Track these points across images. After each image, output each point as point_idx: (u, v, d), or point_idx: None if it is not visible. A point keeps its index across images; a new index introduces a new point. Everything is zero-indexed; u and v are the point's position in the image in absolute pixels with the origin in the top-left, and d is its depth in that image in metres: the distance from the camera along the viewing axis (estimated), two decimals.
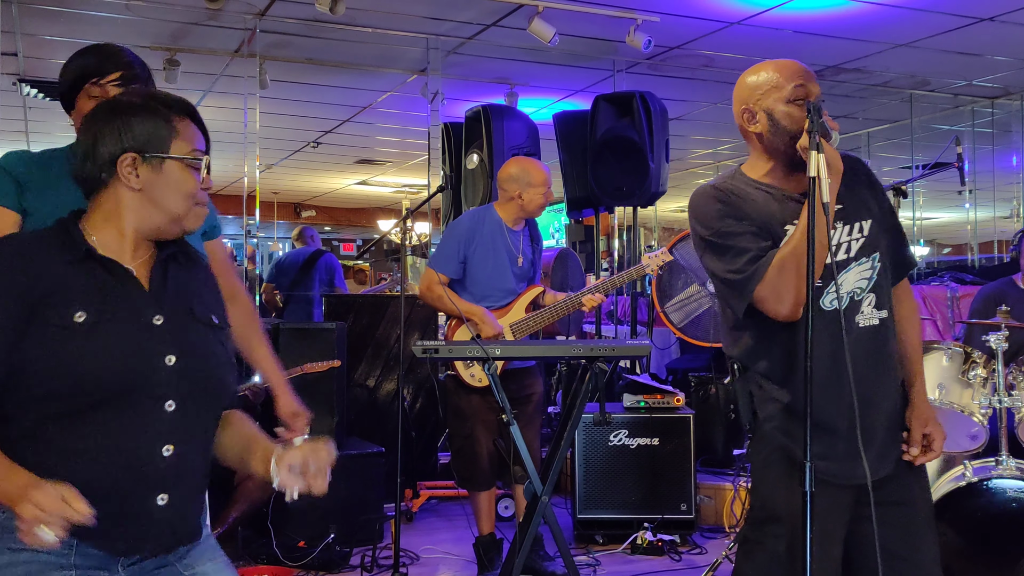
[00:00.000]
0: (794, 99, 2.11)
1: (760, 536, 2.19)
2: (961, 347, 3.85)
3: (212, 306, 1.74)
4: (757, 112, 2.15)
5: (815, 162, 1.92)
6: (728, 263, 2.13)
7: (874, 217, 2.21)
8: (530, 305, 4.07)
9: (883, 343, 2.19)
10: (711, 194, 2.19)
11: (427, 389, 5.76)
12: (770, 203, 2.16)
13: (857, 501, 2.11)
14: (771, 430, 2.18)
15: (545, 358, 4.59)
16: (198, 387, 1.63)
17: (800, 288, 2.04)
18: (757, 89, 2.16)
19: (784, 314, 2.08)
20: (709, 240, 2.17)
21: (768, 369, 2.18)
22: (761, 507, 2.22)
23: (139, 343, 1.58)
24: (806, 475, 1.93)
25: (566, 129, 5.99)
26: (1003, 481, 3.30)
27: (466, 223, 4.11)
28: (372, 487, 4.70)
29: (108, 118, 1.63)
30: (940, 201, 13.06)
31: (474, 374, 3.97)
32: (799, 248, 2.03)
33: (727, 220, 2.14)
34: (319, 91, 7.74)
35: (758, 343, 2.19)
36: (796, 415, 2.13)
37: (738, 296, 2.13)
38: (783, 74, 2.14)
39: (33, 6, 5.65)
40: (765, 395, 2.19)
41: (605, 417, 4.57)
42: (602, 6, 5.68)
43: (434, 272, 4.01)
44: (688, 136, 9.61)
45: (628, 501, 4.67)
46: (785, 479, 2.14)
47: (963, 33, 6.20)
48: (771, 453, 2.18)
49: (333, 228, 16.65)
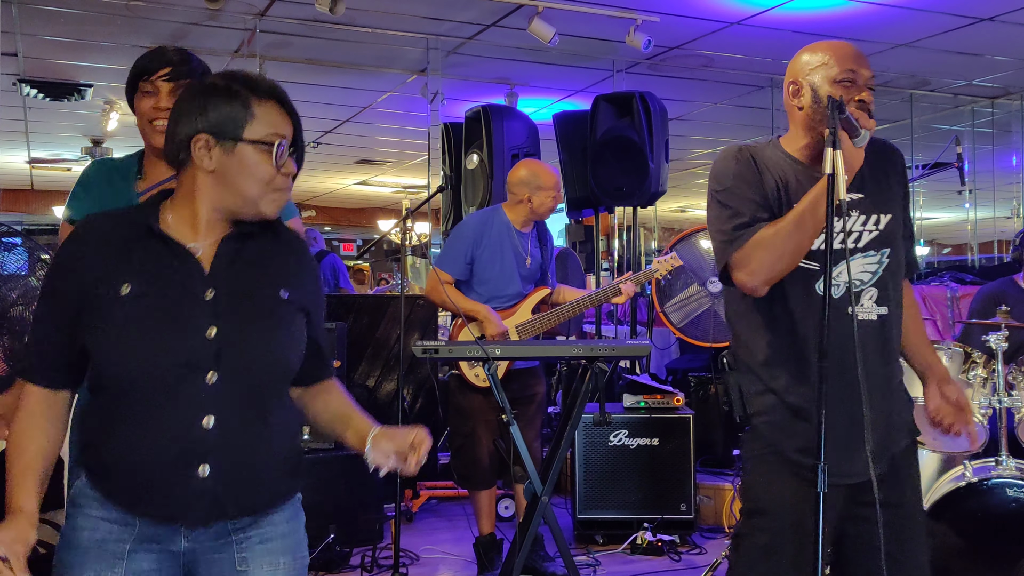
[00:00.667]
0: (841, 80, 2.11)
1: (747, 529, 2.21)
2: (961, 347, 3.85)
3: (285, 281, 1.70)
4: (803, 86, 2.17)
5: (830, 159, 1.91)
6: (723, 222, 2.16)
7: (895, 213, 2.21)
8: (537, 306, 4.08)
9: (881, 340, 2.17)
10: (733, 154, 2.22)
11: (427, 389, 5.76)
12: (789, 174, 2.18)
13: (851, 500, 2.09)
14: (762, 425, 2.17)
15: (545, 358, 4.59)
16: (246, 361, 1.61)
17: (772, 266, 2.06)
18: (808, 64, 2.17)
19: (749, 286, 2.10)
20: (715, 195, 2.20)
21: (766, 361, 2.18)
22: (748, 500, 2.24)
23: (179, 315, 1.59)
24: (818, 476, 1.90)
25: (566, 129, 5.99)
26: (1003, 481, 3.30)
27: (474, 224, 4.11)
28: (372, 487, 4.70)
29: (189, 99, 1.64)
30: (940, 201, 13.06)
31: (478, 374, 3.97)
32: (782, 229, 2.05)
33: (738, 181, 2.16)
34: (319, 91, 7.74)
35: (753, 332, 2.20)
36: (788, 409, 2.12)
37: (720, 256, 2.17)
38: (836, 55, 2.15)
39: (33, 6, 5.65)
40: (758, 389, 2.19)
41: (605, 417, 4.58)
42: (602, 6, 5.68)
43: (440, 272, 4.02)
44: (688, 136, 9.61)
45: (628, 501, 4.67)
46: (773, 474, 2.15)
47: (963, 33, 6.20)
48: (762, 448, 2.18)
49: (333, 228, 16.65)
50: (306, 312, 1.74)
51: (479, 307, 3.94)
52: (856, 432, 2.00)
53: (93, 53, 6.56)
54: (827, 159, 1.92)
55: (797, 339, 2.13)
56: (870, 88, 2.15)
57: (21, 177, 12.17)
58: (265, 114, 1.64)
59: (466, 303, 3.95)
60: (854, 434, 2.02)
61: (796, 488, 2.09)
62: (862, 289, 2.16)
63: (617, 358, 4.47)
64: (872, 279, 2.16)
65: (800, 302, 2.13)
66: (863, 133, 2.02)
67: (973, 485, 3.33)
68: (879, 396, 2.15)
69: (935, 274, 6.82)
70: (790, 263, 2.07)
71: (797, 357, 2.13)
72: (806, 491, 2.06)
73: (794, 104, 2.19)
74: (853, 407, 1.99)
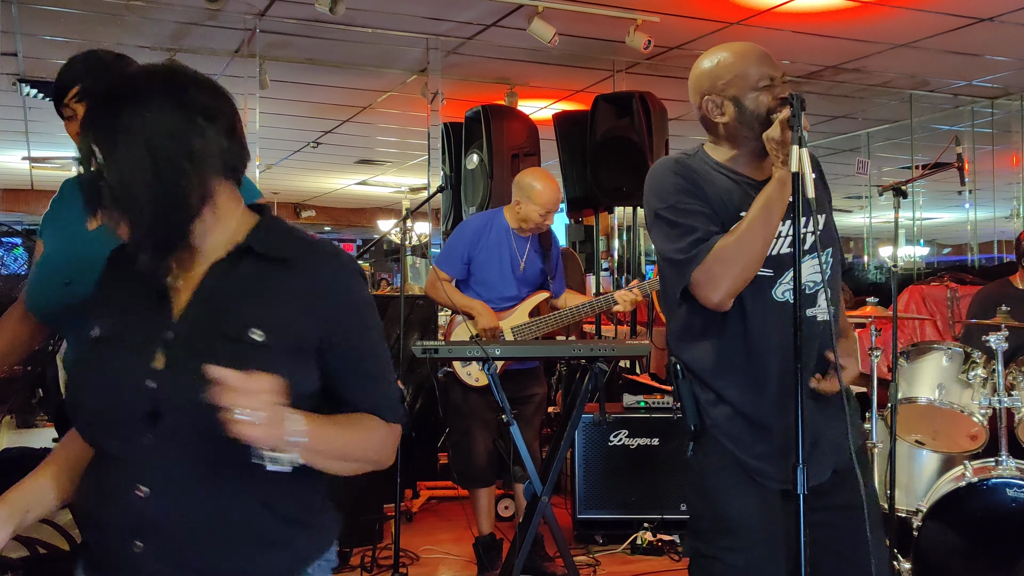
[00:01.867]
0: (763, 85, 2.06)
1: (715, 551, 2.10)
2: (961, 347, 3.85)
3: (262, 317, 1.38)
4: (723, 102, 2.09)
5: (797, 157, 1.88)
6: (674, 241, 2.07)
7: (827, 213, 2.18)
8: (534, 310, 4.08)
9: (825, 339, 2.12)
10: (671, 168, 2.13)
11: (427, 389, 5.76)
12: (730, 188, 2.10)
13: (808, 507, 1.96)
14: (720, 436, 2.10)
15: (545, 358, 4.59)
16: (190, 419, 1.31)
17: (735, 278, 1.99)
18: (719, 78, 2.09)
19: (715, 302, 2.02)
20: (660, 213, 2.10)
21: (716, 369, 2.10)
22: (713, 518, 2.12)
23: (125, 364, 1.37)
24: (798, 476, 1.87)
25: (566, 129, 5.99)
26: (1003, 481, 3.30)
27: (473, 225, 4.14)
28: (372, 487, 4.69)
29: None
30: (940, 201, 13.06)
31: (471, 373, 3.98)
32: (743, 238, 1.99)
33: (683, 196, 2.08)
34: (319, 91, 7.74)
35: (706, 342, 2.11)
36: (745, 418, 2.07)
37: (677, 277, 2.08)
38: (746, 60, 2.08)
39: (33, 6, 5.65)
40: (711, 398, 2.11)
41: (605, 417, 4.58)
42: (602, 6, 5.68)
43: (438, 270, 4.04)
44: (688, 136, 9.58)
45: (628, 501, 4.67)
46: (737, 488, 2.07)
47: (963, 33, 6.20)
48: (721, 461, 2.10)
49: (333, 228, 16.65)
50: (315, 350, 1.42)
51: (474, 303, 3.96)
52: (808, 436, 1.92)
53: None
54: (793, 157, 1.89)
55: (752, 347, 2.07)
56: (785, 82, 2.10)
57: (21, 177, 12.17)
58: None
59: (462, 299, 3.98)
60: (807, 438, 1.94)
61: (761, 499, 2.05)
62: (816, 291, 2.11)
63: (617, 358, 4.47)
64: (822, 281, 2.11)
65: (756, 310, 2.07)
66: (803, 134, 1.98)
67: (973, 485, 3.33)
68: (830, 397, 2.11)
69: (935, 274, 6.82)
70: (753, 271, 2.01)
71: (753, 366, 2.07)
72: (771, 500, 2.04)
73: (716, 120, 2.12)
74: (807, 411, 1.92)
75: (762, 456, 2.06)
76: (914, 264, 11.12)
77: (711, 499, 2.13)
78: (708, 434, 2.12)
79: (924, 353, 3.92)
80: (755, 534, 2.04)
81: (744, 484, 2.06)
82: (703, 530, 2.14)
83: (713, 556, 2.10)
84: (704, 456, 2.14)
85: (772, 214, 1.98)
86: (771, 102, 2.04)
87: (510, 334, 3.98)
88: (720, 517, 2.10)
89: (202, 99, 1.38)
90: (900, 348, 3.89)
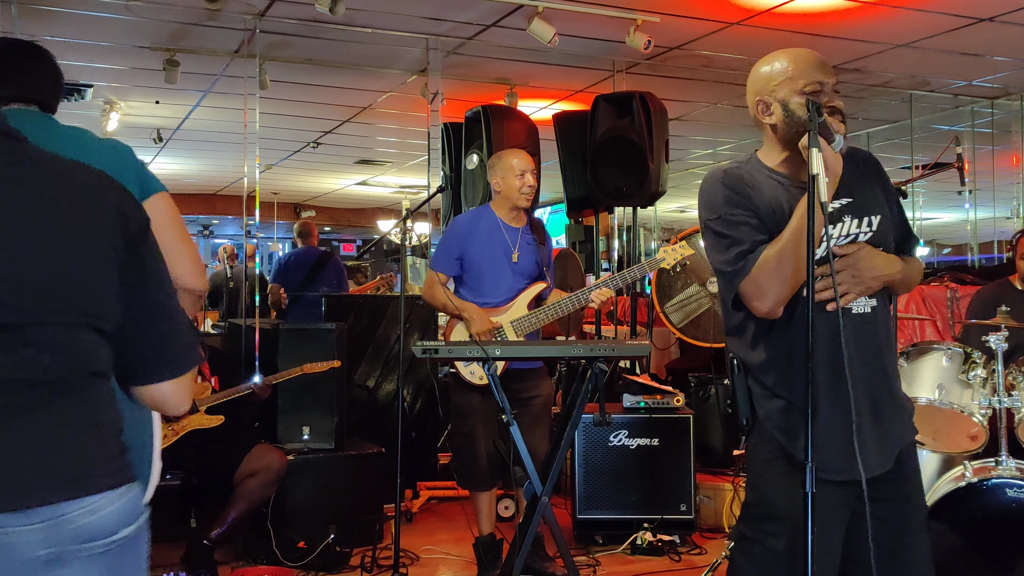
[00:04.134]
0: (810, 91, 2.10)
1: (758, 534, 2.19)
2: (961, 347, 3.85)
3: None
4: (772, 103, 2.15)
5: (814, 160, 1.91)
6: (722, 252, 2.15)
7: (883, 213, 2.22)
8: (533, 301, 4.07)
9: (874, 331, 2.18)
10: (719, 179, 2.20)
11: (427, 389, 5.76)
12: (779, 192, 2.17)
13: (857, 498, 2.08)
14: (770, 428, 2.17)
15: (545, 358, 4.59)
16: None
17: (781, 288, 2.06)
18: (771, 80, 2.15)
19: (764, 311, 2.10)
20: (709, 225, 2.19)
21: (767, 365, 2.18)
22: (760, 504, 2.22)
23: None
24: (807, 476, 1.91)
25: (566, 129, 5.98)
26: (1003, 481, 3.30)
27: (462, 221, 4.18)
28: (372, 487, 4.70)
29: None
30: (940, 201, 13.06)
31: (473, 371, 3.98)
32: (784, 249, 2.05)
33: (731, 207, 2.15)
34: (319, 91, 7.73)
35: (758, 339, 2.19)
36: (795, 413, 2.12)
37: (727, 288, 2.17)
38: (798, 64, 2.14)
39: (33, 6, 5.65)
40: (764, 392, 2.19)
41: (605, 417, 4.57)
42: (602, 6, 5.68)
43: (434, 273, 4.06)
44: (688, 136, 9.61)
45: (628, 501, 4.67)
46: (785, 478, 2.13)
47: (963, 33, 6.20)
48: (771, 452, 2.18)
49: (333, 228, 16.65)
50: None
51: (467, 306, 3.97)
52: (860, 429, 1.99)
53: (93, 53, 6.56)
54: (811, 159, 1.92)
55: (796, 348, 2.12)
56: (836, 92, 2.15)
57: None
58: None
59: (455, 303, 3.98)
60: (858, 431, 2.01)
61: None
62: None
63: (617, 358, 4.47)
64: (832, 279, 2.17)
65: (800, 311, 2.12)
66: (838, 138, 2.03)
67: (973, 485, 3.33)
68: (883, 390, 2.17)
69: (935, 274, 6.81)
70: (798, 279, 2.06)
71: (798, 365, 2.11)
72: (819, 492, 2.07)
73: (765, 122, 2.19)
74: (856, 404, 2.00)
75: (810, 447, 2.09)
76: None
77: (759, 487, 2.23)
78: (760, 427, 2.20)
79: (924, 353, 3.92)
80: (798, 522, 2.07)
81: (792, 474, 2.11)
82: (750, 516, 2.25)
83: (755, 539, 2.20)
84: (755, 447, 2.23)
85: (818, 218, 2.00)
86: None
87: (510, 328, 3.97)
88: (766, 503, 2.19)
89: None
90: (900, 348, 3.89)
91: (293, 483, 4.43)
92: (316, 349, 4.60)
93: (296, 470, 4.46)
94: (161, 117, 8.56)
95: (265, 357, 5.27)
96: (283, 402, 4.62)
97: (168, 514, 4.61)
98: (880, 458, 2.11)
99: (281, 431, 4.63)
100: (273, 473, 4.20)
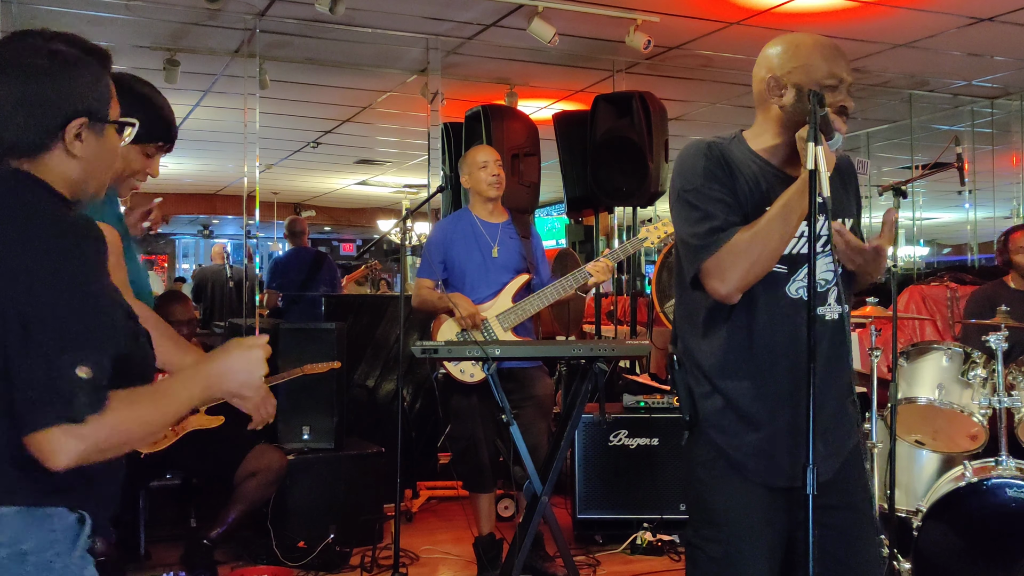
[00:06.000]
0: (826, 83, 2.04)
1: (698, 540, 2.13)
2: (961, 347, 3.85)
3: None
4: (786, 85, 2.07)
5: (812, 155, 1.88)
6: (692, 225, 2.06)
7: (853, 218, 2.21)
8: (519, 294, 4.06)
9: (840, 338, 2.12)
10: (703, 150, 2.10)
11: (427, 389, 5.75)
12: (760, 177, 2.09)
13: (800, 505, 1.96)
14: (709, 429, 2.10)
15: (545, 358, 4.59)
16: None
17: (746, 273, 1.98)
18: (791, 60, 2.06)
19: (722, 294, 2.01)
20: (682, 195, 2.09)
21: (715, 357, 2.09)
22: (698, 510, 2.15)
23: None
24: (807, 476, 1.89)
25: (566, 129, 5.98)
26: (1003, 481, 3.30)
27: (441, 226, 4.24)
28: (372, 487, 4.70)
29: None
30: (940, 201, 13.06)
31: (464, 370, 3.97)
32: (758, 234, 1.98)
33: (708, 180, 2.06)
34: (319, 91, 7.73)
35: (711, 325, 2.10)
36: (737, 414, 2.06)
37: (689, 261, 2.07)
38: (821, 55, 2.06)
39: (33, 6, 5.65)
40: (706, 390, 2.11)
41: (605, 417, 4.58)
42: (602, 6, 5.68)
43: (420, 279, 4.14)
44: (688, 136, 9.57)
45: (628, 501, 4.67)
46: (723, 482, 2.08)
47: (963, 33, 6.20)
48: (709, 453, 2.11)
49: (333, 228, 16.65)
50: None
51: (451, 295, 4.00)
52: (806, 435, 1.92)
53: None
54: (810, 154, 1.87)
55: (756, 342, 2.06)
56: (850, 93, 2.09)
57: None
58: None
59: (440, 298, 4.02)
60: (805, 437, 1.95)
61: (746, 494, 2.05)
62: (827, 289, 2.11)
63: (617, 358, 4.46)
64: (835, 278, 2.11)
65: (766, 306, 2.06)
66: (837, 136, 1.98)
67: (973, 485, 3.33)
68: (833, 395, 2.11)
69: (935, 274, 6.81)
70: (765, 268, 2.00)
71: (755, 362, 2.06)
72: (756, 496, 2.04)
73: (772, 101, 2.10)
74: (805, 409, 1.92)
75: (748, 451, 2.06)
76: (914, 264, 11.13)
77: (698, 490, 2.15)
78: (700, 426, 2.13)
79: (924, 353, 3.92)
80: (737, 528, 2.05)
81: (730, 478, 2.07)
82: (692, 520, 2.18)
83: (697, 546, 2.13)
84: (694, 447, 2.15)
85: (792, 213, 1.97)
86: (828, 101, 2.02)
87: (495, 321, 3.96)
88: (704, 508, 2.12)
89: None
90: (900, 348, 3.89)
91: (293, 483, 4.43)
92: (316, 349, 4.60)
93: (296, 470, 4.46)
94: None
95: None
96: (283, 402, 4.62)
97: (168, 513, 4.61)
98: (826, 465, 2.04)
99: (281, 431, 4.63)
100: (273, 473, 4.20)
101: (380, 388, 5.72)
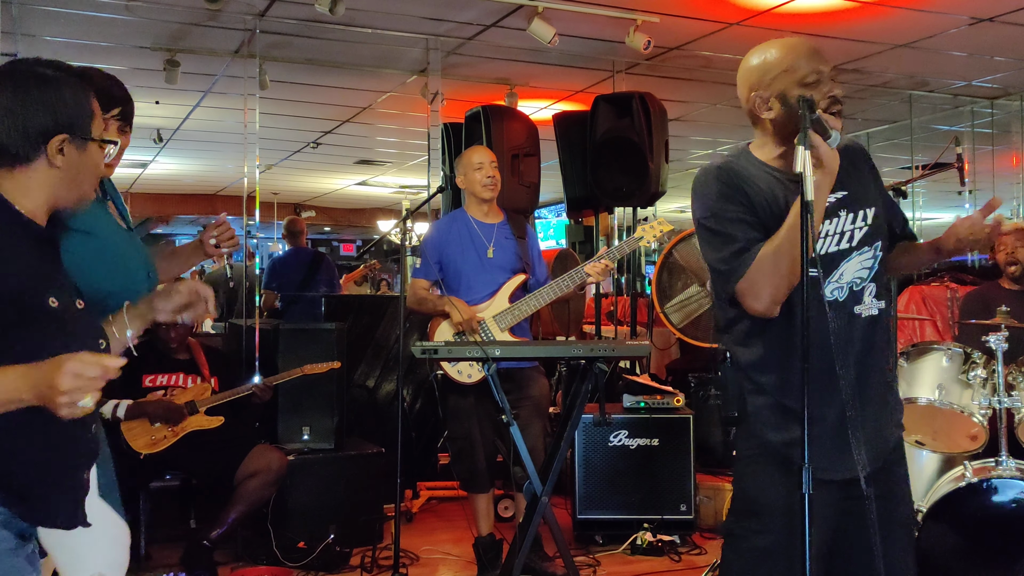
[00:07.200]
0: (809, 81, 2.05)
1: (743, 531, 2.18)
2: (961, 347, 3.85)
3: None
4: (770, 98, 2.09)
5: (801, 159, 1.89)
6: (716, 250, 2.11)
7: (877, 205, 2.20)
8: (515, 294, 4.06)
9: (878, 334, 2.16)
10: (713, 174, 2.15)
11: (427, 389, 5.75)
12: (775, 187, 2.13)
13: (844, 496, 2.08)
14: (758, 424, 2.15)
15: (545, 358, 4.59)
16: None
17: (777, 287, 2.02)
18: (766, 72, 2.09)
19: (760, 310, 2.06)
20: (702, 222, 2.15)
21: (760, 363, 2.15)
22: (743, 500, 2.21)
23: None
24: (803, 478, 1.90)
25: (566, 129, 5.98)
26: (1003, 481, 3.30)
27: (436, 226, 4.26)
28: (372, 487, 4.70)
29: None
30: (940, 201, 13.06)
31: (461, 371, 3.97)
32: (780, 247, 2.01)
33: (724, 203, 2.10)
34: (319, 91, 7.73)
35: (751, 336, 2.16)
36: (786, 410, 2.10)
37: (722, 286, 2.13)
38: (795, 54, 2.08)
39: (33, 6, 5.65)
40: (754, 388, 2.17)
41: (605, 417, 4.57)
42: (602, 6, 5.68)
43: (415, 279, 4.15)
44: (687, 136, 9.60)
45: (628, 501, 4.67)
46: (765, 474, 2.13)
47: (963, 33, 6.20)
48: (754, 447, 2.16)
49: (333, 228, 16.64)
50: None
51: (448, 299, 4.01)
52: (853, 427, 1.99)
53: (93, 53, 6.56)
54: (798, 158, 1.89)
55: (793, 342, 2.08)
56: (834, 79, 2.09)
57: None
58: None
59: (436, 301, 4.03)
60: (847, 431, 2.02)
61: (788, 487, 2.06)
62: (863, 286, 2.14)
63: (617, 358, 4.47)
64: (870, 275, 2.14)
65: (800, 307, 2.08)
66: (834, 134, 1.99)
67: (973, 485, 3.33)
68: (874, 390, 2.15)
69: (935, 274, 6.81)
70: (794, 279, 2.02)
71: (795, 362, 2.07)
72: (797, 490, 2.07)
73: (764, 117, 2.13)
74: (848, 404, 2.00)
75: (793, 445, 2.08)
76: None
77: (744, 483, 2.22)
78: (748, 421, 2.18)
79: (924, 353, 3.92)
80: (781, 519, 2.08)
81: (776, 471, 2.10)
82: (736, 511, 2.24)
83: (741, 536, 2.19)
84: (741, 442, 2.21)
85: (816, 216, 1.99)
86: (818, 98, 2.03)
87: (492, 322, 3.97)
88: (750, 500, 2.18)
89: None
90: (900, 348, 3.90)
91: (293, 483, 4.43)
92: (316, 349, 4.60)
93: (296, 470, 4.46)
94: (161, 117, 8.55)
95: (265, 357, 5.27)
96: (283, 402, 4.62)
97: (168, 514, 4.61)
98: (869, 457, 2.09)
99: (281, 431, 4.63)
100: (273, 473, 4.20)
101: (380, 388, 5.72)
